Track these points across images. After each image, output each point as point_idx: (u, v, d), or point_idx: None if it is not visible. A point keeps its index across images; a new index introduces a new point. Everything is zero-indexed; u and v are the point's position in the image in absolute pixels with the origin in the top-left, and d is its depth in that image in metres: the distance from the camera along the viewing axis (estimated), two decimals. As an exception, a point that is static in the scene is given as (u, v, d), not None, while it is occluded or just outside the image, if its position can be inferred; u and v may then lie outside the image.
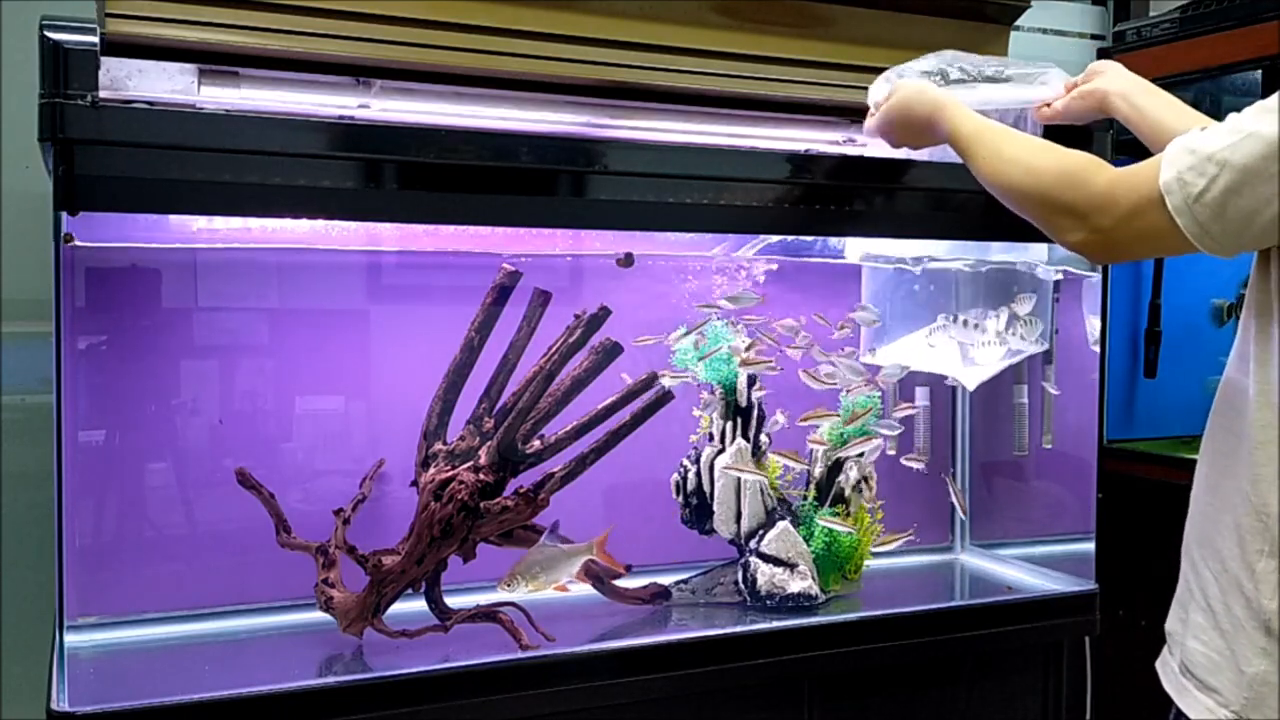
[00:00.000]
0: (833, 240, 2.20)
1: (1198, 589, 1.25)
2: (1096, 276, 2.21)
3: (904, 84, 1.64)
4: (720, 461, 1.96)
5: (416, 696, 1.58)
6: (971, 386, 2.17)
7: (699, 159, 1.73)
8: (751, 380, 1.97)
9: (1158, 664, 1.32)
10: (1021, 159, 1.34)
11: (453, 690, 1.61)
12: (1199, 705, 1.22)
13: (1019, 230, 1.87)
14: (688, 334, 1.99)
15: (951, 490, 2.19)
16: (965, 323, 2.10)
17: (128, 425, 1.81)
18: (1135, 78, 1.60)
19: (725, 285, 2.11)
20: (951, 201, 1.88)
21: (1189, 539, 1.29)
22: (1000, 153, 1.37)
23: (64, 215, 1.41)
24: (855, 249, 2.23)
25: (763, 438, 2.01)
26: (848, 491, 2.04)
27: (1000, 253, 2.18)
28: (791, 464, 1.97)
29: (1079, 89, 1.68)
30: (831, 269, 2.24)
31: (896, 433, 2.10)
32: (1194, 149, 1.14)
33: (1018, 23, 2.02)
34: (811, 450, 2.08)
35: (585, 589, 1.89)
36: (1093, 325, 2.23)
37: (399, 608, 1.75)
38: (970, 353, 2.12)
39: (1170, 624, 1.30)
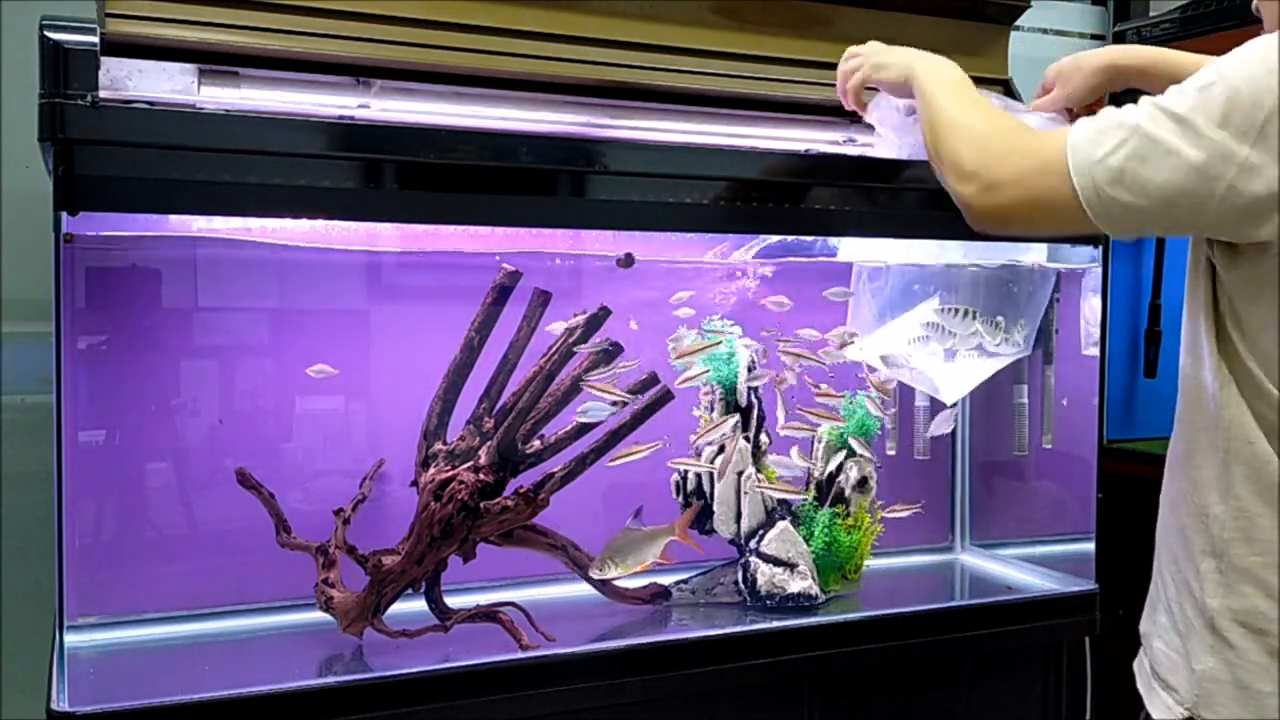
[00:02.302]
0: (831, 240, 2.19)
1: (1161, 590, 1.28)
2: (1097, 270, 2.20)
3: None
4: (721, 462, 1.96)
5: (416, 696, 1.58)
6: (951, 400, 2.15)
7: (699, 159, 1.73)
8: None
9: (1135, 665, 1.34)
10: (972, 98, 1.34)
11: (453, 690, 1.60)
12: (1160, 704, 1.24)
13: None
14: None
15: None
16: (944, 329, 2.09)
17: (128, 425, 1.81)
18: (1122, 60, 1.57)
19: (730, 287, 2.11)
20: (952, 202, 1.88)
21: (1157, 543, 1.30)
22: (961, 89, 1.37)
23: (64, 215, 1.41)
24: (854, 250, 2.22)
25: (763, 437, 2.01)
26: (848, 491, 2.04)
27: (997, 253, 2.18)
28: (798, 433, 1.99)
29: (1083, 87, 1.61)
30: (831, 269, 2.24)
31: (949, 429, 2.11)
32: (1109, 115, 1.13)
33: (1018, 23, 2.02)
34: (812, 449, 2.08)
35: (585, 589, 1.89)
36: (1093, 313, 2.22)
37: (399, 608, 1.75)
38: (951, 362, 2.11)
39: (1143, 625, 1.32)
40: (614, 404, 1.78)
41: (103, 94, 1.39)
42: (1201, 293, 1.20)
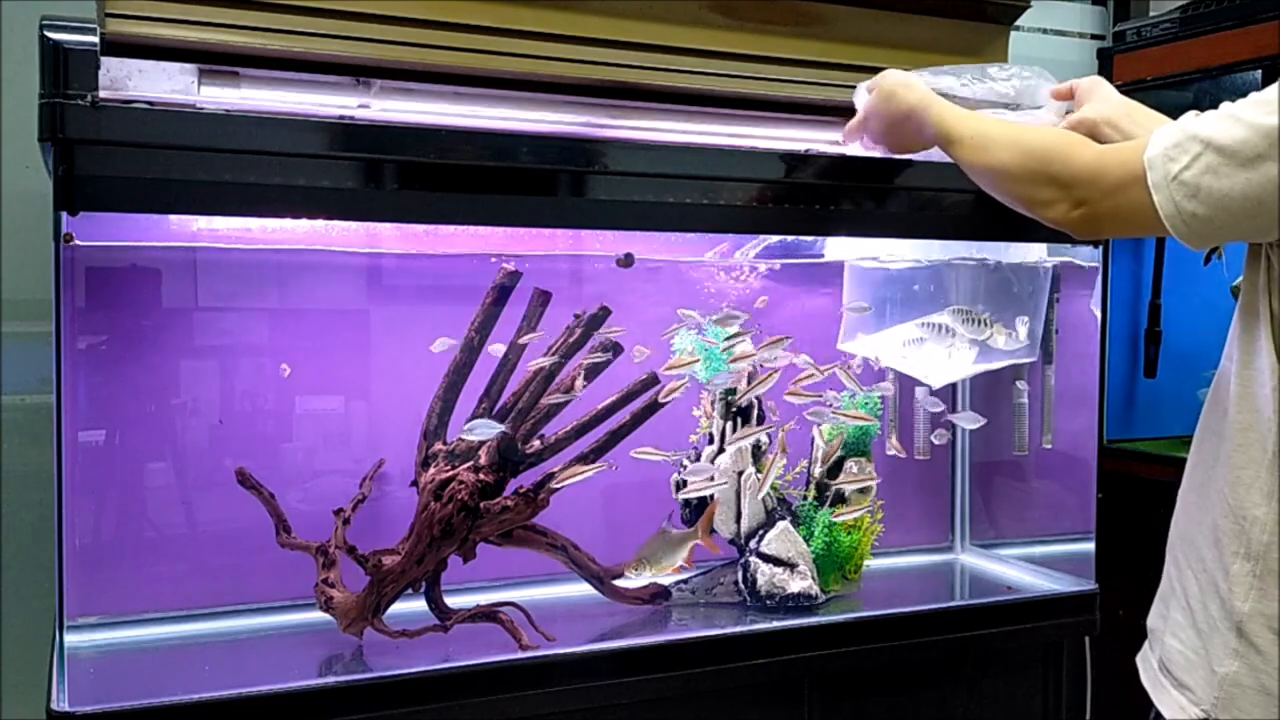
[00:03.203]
0: (831, 240, 2.19)
1: (1179, 587, 1.26)
2: (1096, 269, 2.20)
3: (890, 74, 1.63)
4: (720, 462, 1.97)
5: (416, 696, 1.58)
6: (936, 385, 2.16)
7: (699, 159, 1.73)
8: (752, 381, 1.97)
9: (1138, 658, 1.33)
10: (1008, 136, 1.36)
11: (453, 690, 1.61)
12: (1172, 702, 1.23)
13: (1015, 230, 1.87)
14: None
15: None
16: (943, 329, 2.08)
17: (128, 425, 1.81)
18: (1119, 101, 1.56)
19: (729, 285, 2.11)
20: (951, 201, 1.88)
21: (1173, 536, 1.29)
22: (986, 132, 1.39)
23: (64, 215, 1.41)
24: (850, 249, 2.22)
25: (762, 437, 2.01)
26: (848, 492, 2.04)
27: (995, 251, 2.18)
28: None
29: (1072, 117, 1.62)
30: (830, 269, 2.24)
31: (980, 424, 2.12)
32: (1184, 128, 1.13)
33: (1018, 23, 2.01)
34: (812, 449, 2.08)
35: (585, 589, 1.89)
36: (1094, 316, 2.22)
37: (399, 608, 1.75)
38: (942, 354, 2.11)
39: (1152, 620, 1.31)
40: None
41: (103, 94, 1.39)
42: (1261, 290, 1.18)
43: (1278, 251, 1.16)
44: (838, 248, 2.21)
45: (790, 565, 1.94)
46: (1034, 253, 2.18)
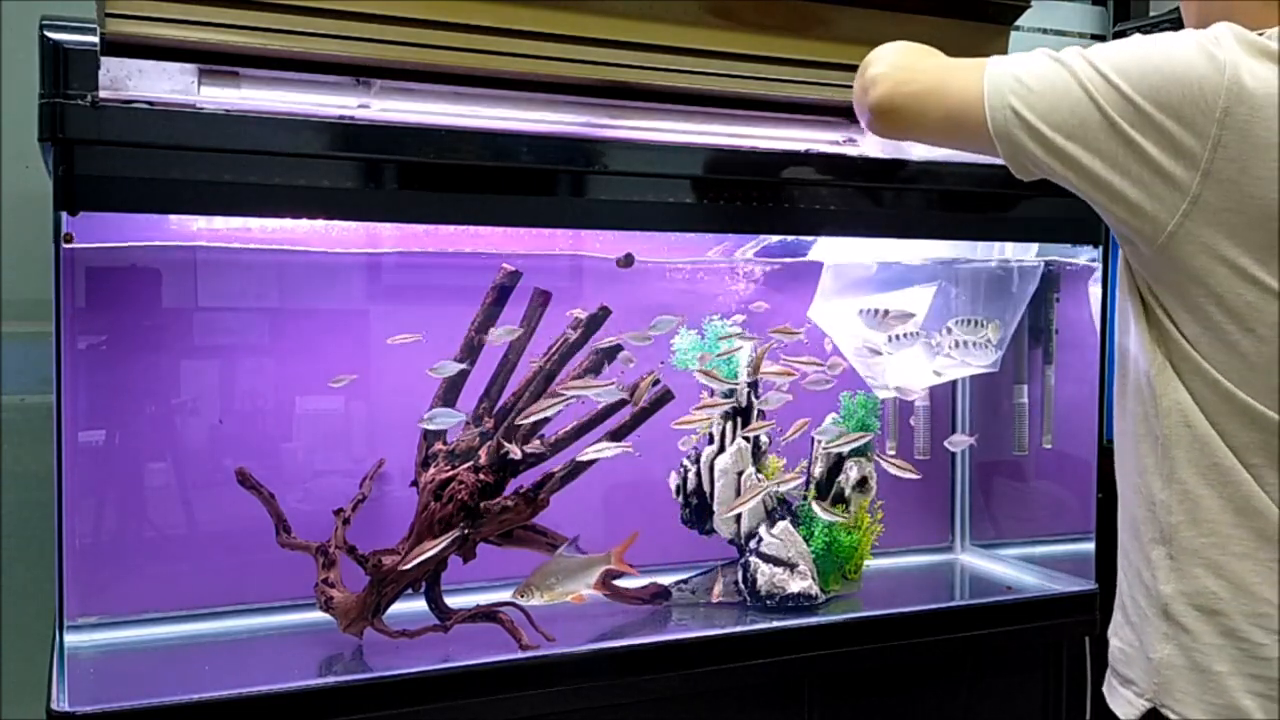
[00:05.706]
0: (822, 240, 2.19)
1: (1118, 589, 1.29)
2: (1097, 267, 2.20)
3: None
4: (720, 462, 1.96)
5: (416, 696, 1.58)
6: (881, 395, 2.13)
7: (699, 159, 1.73)
8: (752, 381, 1.98)
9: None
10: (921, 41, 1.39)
11: (453, 690, 1.61)
12: (1121, 700, 1.24)
13: (1016, 230, 1.87)
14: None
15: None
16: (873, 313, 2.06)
17: (128, 425, 1.81)
18: None
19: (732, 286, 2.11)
20: (951, 201, 1.88)
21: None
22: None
23: (64, 215, 1.41)
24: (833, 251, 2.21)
25: (762, 438, 2.01)
26: (848, 491, 2.04)
27: (977, 251, 2.18)
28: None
29: None
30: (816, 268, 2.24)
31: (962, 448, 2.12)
32: (1040, 49, 1.16)
33: (1018, 23, 2.01)
34: (812, 449, 2.08)
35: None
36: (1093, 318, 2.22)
37: (399, 608, 1.75)
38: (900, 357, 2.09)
39: (1109, 631, 1.32)
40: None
41: (103, 94, 1.39)
42: (1127, 276, 1.21)
43: (1135, 257, 1.18)
44: (822, 249, 2.20)
45: (790, 565, 1.94)
46: (1007, 252, 2.17)
